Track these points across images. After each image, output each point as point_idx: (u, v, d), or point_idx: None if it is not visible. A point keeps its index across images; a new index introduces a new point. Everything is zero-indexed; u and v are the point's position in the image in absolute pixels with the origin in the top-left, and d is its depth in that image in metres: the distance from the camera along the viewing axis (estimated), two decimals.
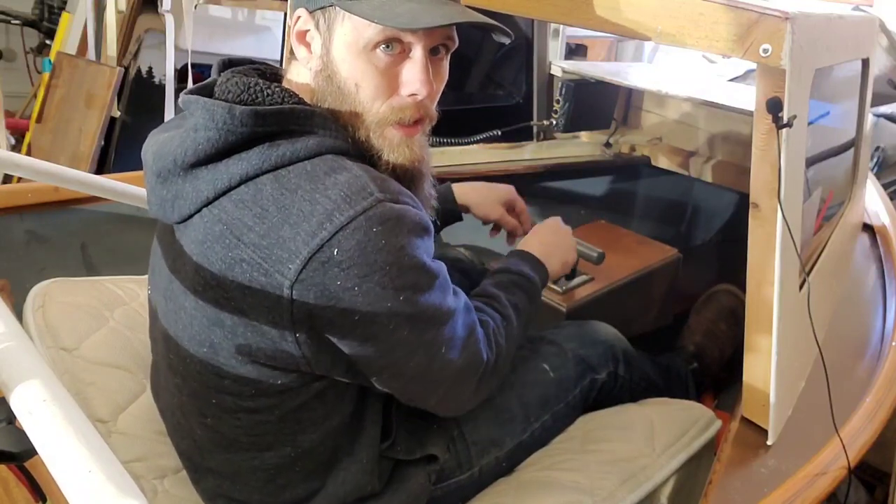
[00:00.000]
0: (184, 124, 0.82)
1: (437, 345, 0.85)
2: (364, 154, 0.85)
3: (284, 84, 0.89)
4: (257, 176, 0.77)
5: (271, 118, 0.78)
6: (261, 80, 0.82)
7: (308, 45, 0.85)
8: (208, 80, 0.87)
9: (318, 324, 0.77)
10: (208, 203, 0.79)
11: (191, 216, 0.81)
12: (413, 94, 0.83)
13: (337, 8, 0.80)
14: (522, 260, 1.15)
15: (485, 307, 1.04)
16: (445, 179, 1.86)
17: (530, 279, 1.11)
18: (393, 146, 0.85)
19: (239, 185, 0.78)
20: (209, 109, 0.78)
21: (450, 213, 1.32)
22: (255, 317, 0.78)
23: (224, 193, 0.78)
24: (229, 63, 0.90)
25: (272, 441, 0.88)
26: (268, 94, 0.81)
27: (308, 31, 0.84)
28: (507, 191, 1.34)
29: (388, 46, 0.80)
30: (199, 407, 0.88)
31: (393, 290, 0.77)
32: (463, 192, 1.32)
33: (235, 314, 0.78)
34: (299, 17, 0.84)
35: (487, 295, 1.07)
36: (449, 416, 1.02)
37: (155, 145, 0.84)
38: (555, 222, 1.25)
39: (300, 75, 0.88)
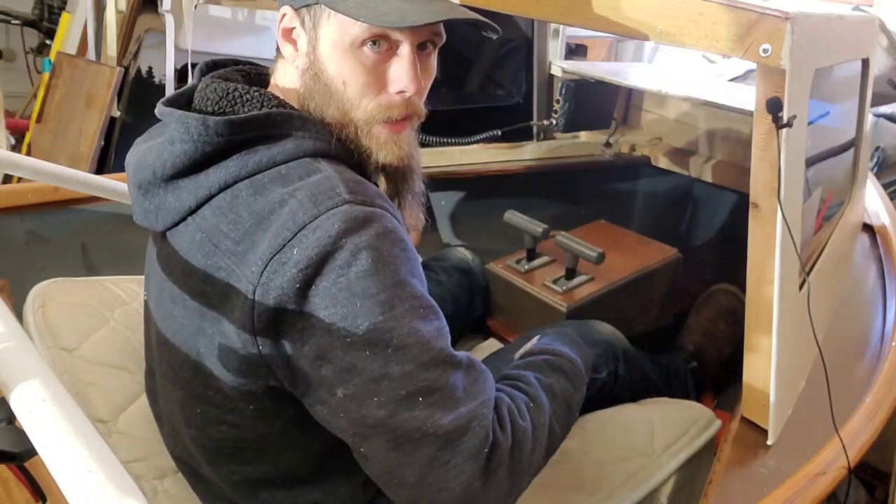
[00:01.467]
0: (165, 132, 0.81)
1: (409, 387, 0.72)
2: (351, 153, 0.84)
3: (271, 85, 0.88)
4: (235, 182, 0.76)
5: (247, 126, 0.77)
6: (240, 86, 0.82)
7: (294, 43, 0.84)
8: (187, 86, 0.86)
9: (277, 330, 0.73)
10: (191, 212, 0.78)
11: (175, 225, 0.80)
12: (401, 92, 0.81)
13: (322, 6, 0.79)
14: (561, 338, 1.04)
15: (503, 387, 0.88)
16: (446, 180, 1.87)
17: (571, 360, 0.98)
18: (381, 144, 0.83)
19: (219, 192, 0.77)
20: (183, 122, 0.77)
21: None
22: (230, 324, 0.76)
23: (205, 202, 0.77)
24: (213, 65, 0.89)
25: (252, 456, 0.86)
26: (247, 100, 0.81)
27: (294, 28, 0.83)
28: None
29: (374, 44, 0.79)
30: (185, 416, 0.87)
31: (349, 293, 0.70)
32: None
33: (215, 322, 0.77)
34: (285, 15, 0.83)
35: (509, 377, 0.93)
36: None
37: (136, 156, 0.84)
38: None
39: (287, 74, 0.87)
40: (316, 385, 0.74)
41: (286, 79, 0.87)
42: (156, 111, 0.83)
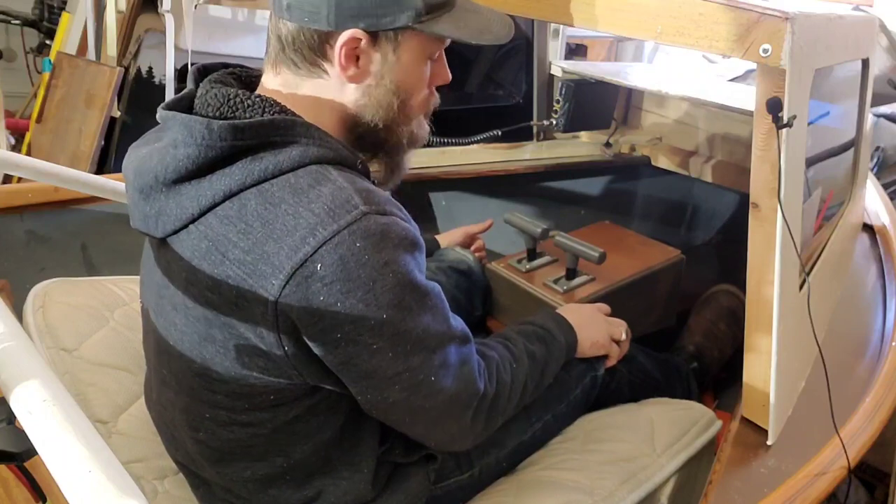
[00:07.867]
0: (162, 137, 0.81)
1: (425, 371, 0.82)
2: (356, 158, 0.84)
3: (283, 95, 0.85)
4: (242, 191, 0.76)
5: (250, 131, 0.77)
6: (241, 91, 0.81)
7: (355, 62, 0.82)
8: (185, 91, 0.86)
9: (303, 338, 0.76)
10: (194, 220, 0.78)
11: (176, 232, 0.80)
12: (442, 85, 0.93)
13: (412, 28, 0.82)
14: (552, 318, 1.14)
15: (494, 344, 1.02)
16: (446, 180, 1.87)
17: (555, 336, 1.11)
18: (421, 125, 0.94)
19: (224, 200, 0.76)
20: (187, 125, 0.77)
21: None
22: (245, 332, 0.77)
23: (209, 210, 0.77)
24: (205, 70, 0.88)
25: (264, 452, 0.87)
26: (248, 105, 0.80)
27: (362, 49, 0.82)
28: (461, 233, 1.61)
29: (435, 55, 0.89)
30: (191, 421, 0.88)
31: (377, 307, 0.75)
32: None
33: (226, 330, 0.78)
34: (350, 38, 0.80)
35: (503, 336, 1.07)
36: (443, 449, 0.98)
37: (135, 161, 0.83)
38: (593, 306, 1.26)
39: (328, 89, 0.84)
40: (345, 381, 0.82)
41: (324, 92, 0.84)
42: (157, 116, 0.82)
